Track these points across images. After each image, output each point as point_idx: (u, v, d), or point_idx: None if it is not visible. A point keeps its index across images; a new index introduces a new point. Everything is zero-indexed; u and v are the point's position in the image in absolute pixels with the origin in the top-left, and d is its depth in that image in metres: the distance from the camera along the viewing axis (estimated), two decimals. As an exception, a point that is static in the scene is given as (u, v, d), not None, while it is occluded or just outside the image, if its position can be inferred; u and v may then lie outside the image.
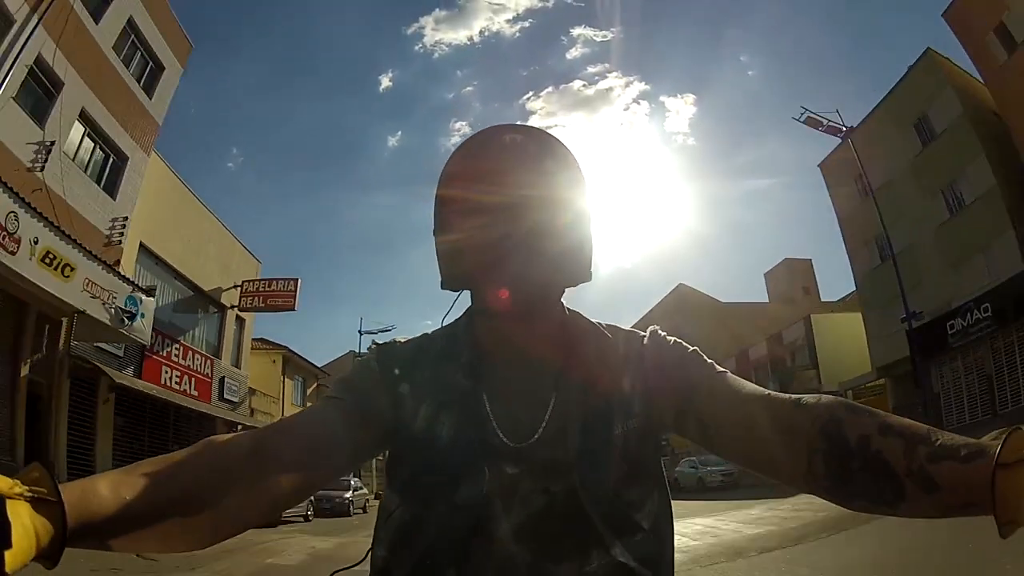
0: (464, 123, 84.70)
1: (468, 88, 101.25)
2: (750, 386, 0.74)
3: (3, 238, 9.18)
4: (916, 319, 18.54)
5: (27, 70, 11.29)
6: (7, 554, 0.44)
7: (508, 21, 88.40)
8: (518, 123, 0.80)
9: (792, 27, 71.24)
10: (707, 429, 0.75)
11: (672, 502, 0.80)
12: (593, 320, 0.86)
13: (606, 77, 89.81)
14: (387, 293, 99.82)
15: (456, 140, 4.17)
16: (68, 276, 10.64)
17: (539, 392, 0.77)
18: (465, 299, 0.84)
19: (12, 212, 9.33)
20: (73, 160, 12.86)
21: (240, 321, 21.90)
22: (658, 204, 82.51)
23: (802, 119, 22.20)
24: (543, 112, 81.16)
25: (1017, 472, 0.49)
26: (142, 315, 12.86)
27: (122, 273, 12.81)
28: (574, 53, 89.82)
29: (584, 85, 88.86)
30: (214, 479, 0.63)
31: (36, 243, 9.82)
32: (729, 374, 0.78)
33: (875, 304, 22.66)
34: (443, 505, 0.71)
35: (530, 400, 0.76)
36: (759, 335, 31.61)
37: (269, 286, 21.91)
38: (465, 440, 0.73)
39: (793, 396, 0.69)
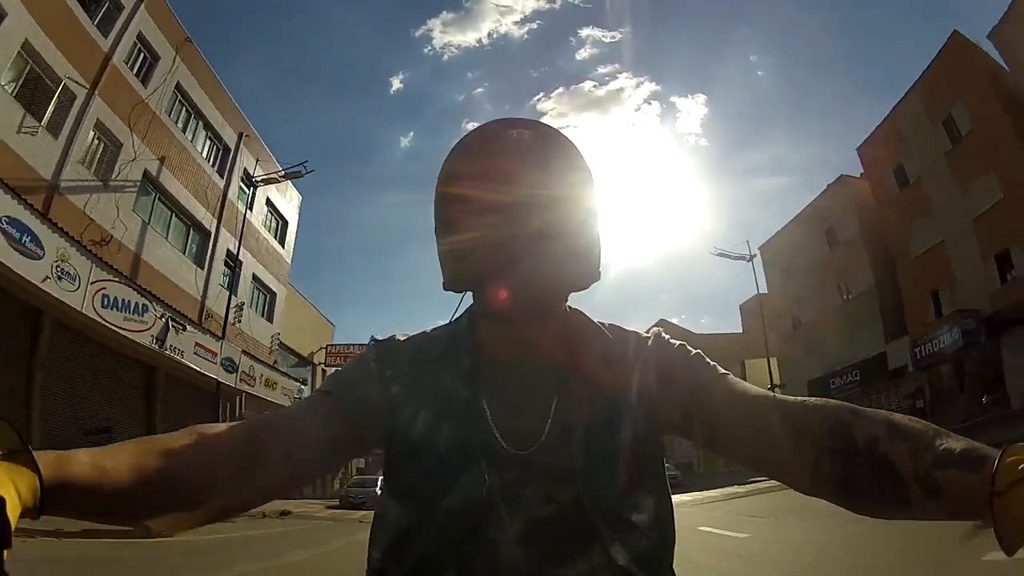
0: (476, 124, 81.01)
1: (479, 89, 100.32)
2: (754, 388, 0.74)
3: (247, 378, 17.59)
4: (810, 375, 26.53)
5: (224, 262, 19.31)
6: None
7: (516, 23, 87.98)
8: (524, 117, 0.77)
9: (801, 27, 71.77)
10: (713, 431, 0.74)
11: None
12: (595, 319, 0.85)
13: (616, 78, 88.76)
14: (393, 294, 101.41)
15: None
16: (274, 387, 19.39)
17: (541, 396, 0.76)
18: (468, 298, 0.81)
19: (251, 364, 17.75)
20: (252, 308, 21.17)
21: (324, 372, 30.46)
22: (671, 205, 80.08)
23: (716, 253, 28.60)
24: (554, 113, 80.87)
25: (1013, 497, 0.48)
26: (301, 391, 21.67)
27: (284, 371, 21.43)
28: (583, 54, 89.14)
29: (595, 86, 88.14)
30: (200, 464, 0.61)
31: (261, 376, 18.28)
32: (732, 376, 0.77)
33: (789, 359, 30.37)
34: (442, 511, 0.69)
35: (532, 405, 0.75)
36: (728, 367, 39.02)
37: (347, 348, 30.24)
38: (465, 446, 0.72)
39: (799, 398, 0.69)
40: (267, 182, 20.95)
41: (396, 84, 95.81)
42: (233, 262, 19.22)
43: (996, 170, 18.43)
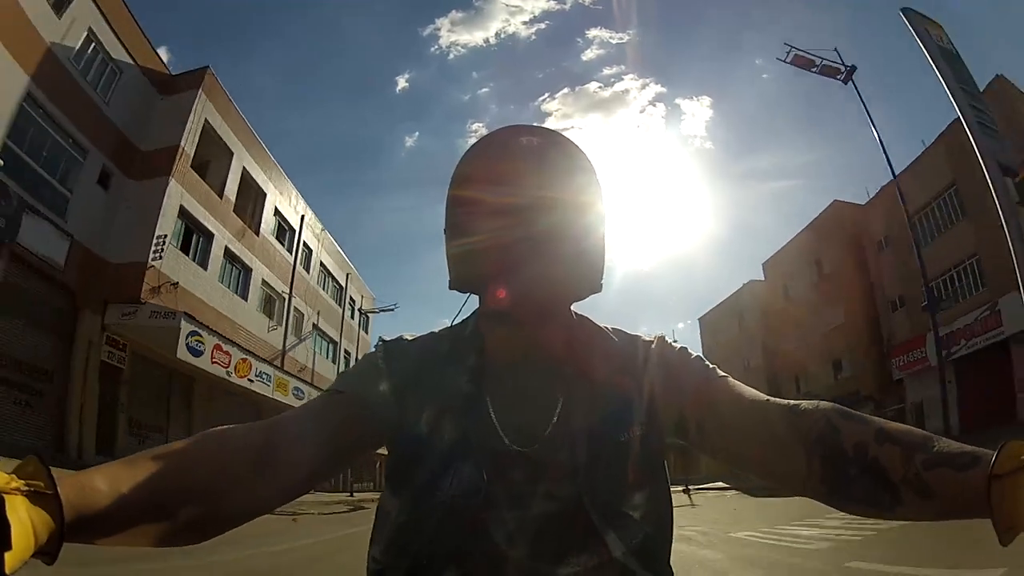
0: (481, 124, 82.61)
1: (484, 89, 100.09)
2: (750, 391, 0.75)
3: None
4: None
5: (344, 353, 31.65)
6: (7, 555, 0.43)
7: (524, 23, 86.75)
8: (534, 124, 0.80)
9: (809, 32, 72.45)
10: (708, 432, 0.75)
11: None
12: (600, 324, 0.86)
13: (622, 79, 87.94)
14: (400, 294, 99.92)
15: (473, 141, 0.87)
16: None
17: (546, 396, 0.76)
18: (473, 299, 0.83)
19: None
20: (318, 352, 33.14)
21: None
22: (675, 207, 78.99)
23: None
24: (559, 114, 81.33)
25: (1012, 481, 0.50)
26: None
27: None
28: (590, 55, 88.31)
29: (600, 87, 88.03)
30: (215, 474, 0.62)
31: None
32: (730, 379, 0.78)
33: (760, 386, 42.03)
34: (443, 508, 0.70)
35: (536, 405, 0.76)
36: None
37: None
38: (468, 443, 0.73)
39: (792, 402, 0.70)
40: (369, 312, 34.27)
41: (402, 83, 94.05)
42: (343, 352, 31.86)
43: (843, 303, 28.30)
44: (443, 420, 0.75)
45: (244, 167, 20.86)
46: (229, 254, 20.14)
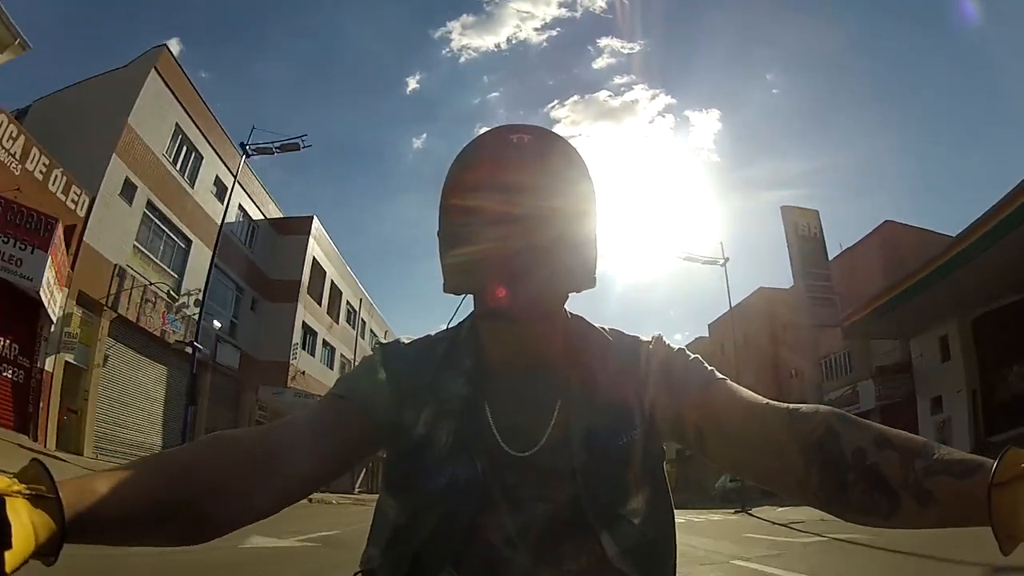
0: (488, 128, 72.61)
1: (494, 94, 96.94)
2: (749, 395, 0.75)
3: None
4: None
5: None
6: (7, 554, 0.44)
7: (536, 30, 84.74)
8: (524, 123, 0.79)
9: (819, 48, 72.29)
10: (706, 435, 0.75)
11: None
12: (595, 324, 0.85)
13: (632, 89, 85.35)
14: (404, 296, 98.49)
15: None
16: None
17: (543, 400, 0.76)
18: (469, 304, 0.83)
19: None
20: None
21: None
22: (680, 218, 74.48)
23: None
24: (568, 121, 78.95)
25: (1012, 489, 0.49)
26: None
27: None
28: (600, 63, 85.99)
29: (610, 96, 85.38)
30: (215, 478, 0.62)
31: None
32: (728, 382, 0.78)
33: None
34: (440, 510, 0.70)
35: (533, 408, 0.76)
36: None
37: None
38: (465, 447, 0.73)
39: (791, 406, 0.69)
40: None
41: (412, 84, 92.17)
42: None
43: (755, 367, 35.83)
44: (441, 423, 0.75)
45: (332, 280, 30.02)
46: (325, 343, 30.12)
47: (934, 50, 68.35)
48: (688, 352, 0.82)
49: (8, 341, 12.36)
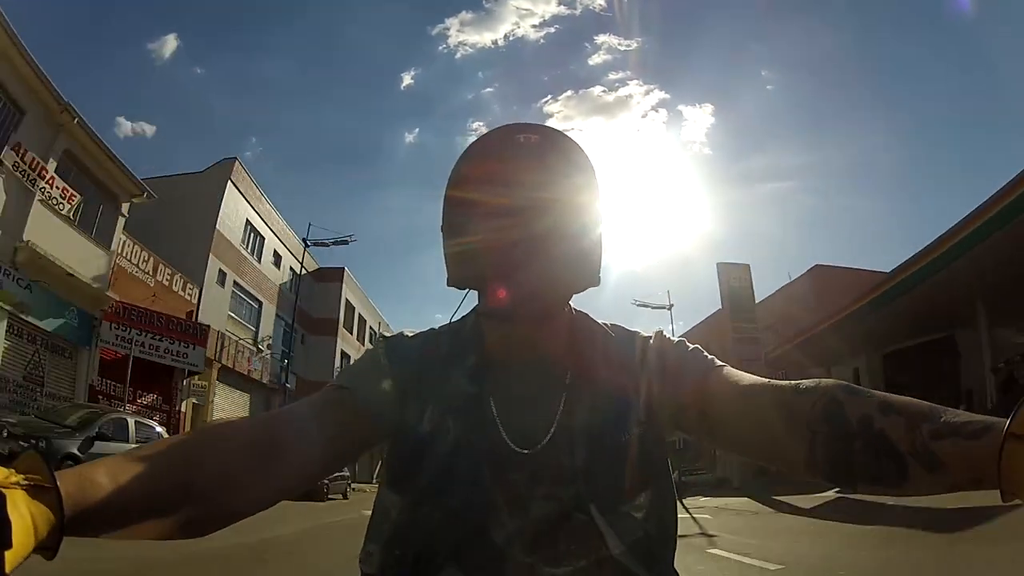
0: (482, 123, 76.09)
1: (488, 89, 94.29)
2: (750, 376, 0.74)
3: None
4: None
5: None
6: (7, 554, 0.43)
7: (534, 26, 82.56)
8: (533, 123, 0.79)
9: (815, 46, 70.33)
10: (711, 422, 0.75)
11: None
12: (599, 320, 0.85)
13: (627, 84, 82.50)
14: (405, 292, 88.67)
15: (472, 139, 0.81)
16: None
17: (547, 397, 0.76)
18: (472, 297, 0.83)
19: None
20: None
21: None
22: (672, 210, 76.82)
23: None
24: (560, 116, 76.81)
25: None
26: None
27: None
28: (596, 60, 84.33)
29: (604, 91, 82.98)
30: (216, 469, 0.62)
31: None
32: (728, 367, 0.78)
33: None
34: (443, 507, 0.70)
35: (538, 405, 0.76)
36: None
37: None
38: (470, 444, 0.73)
39: (793, 382, 0.69)
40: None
41: (407, 80, 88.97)
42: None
43: None
44: (445, 420, 0.75)
45: (360, 314, 37.70)
46: (355, 364, 38.26)
47: (932, 53, 67.12)
48: (687, 343, 0.82)
49: (155, 395, 19.48)
